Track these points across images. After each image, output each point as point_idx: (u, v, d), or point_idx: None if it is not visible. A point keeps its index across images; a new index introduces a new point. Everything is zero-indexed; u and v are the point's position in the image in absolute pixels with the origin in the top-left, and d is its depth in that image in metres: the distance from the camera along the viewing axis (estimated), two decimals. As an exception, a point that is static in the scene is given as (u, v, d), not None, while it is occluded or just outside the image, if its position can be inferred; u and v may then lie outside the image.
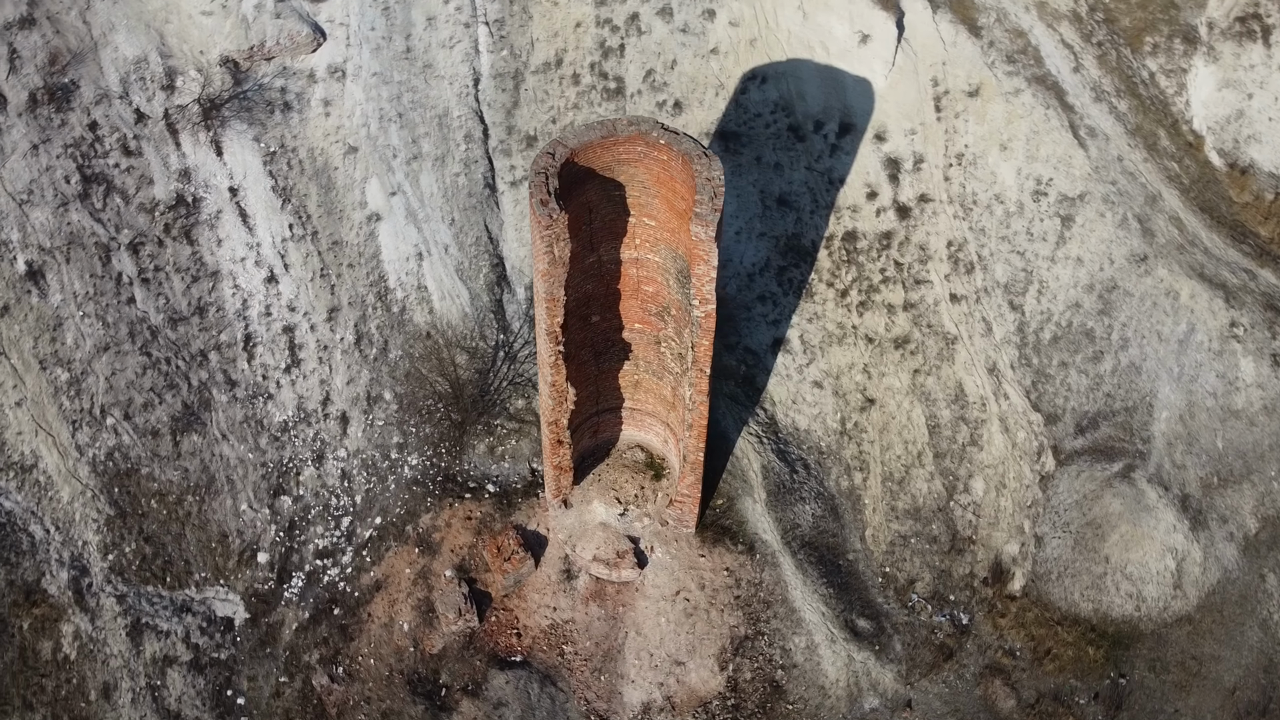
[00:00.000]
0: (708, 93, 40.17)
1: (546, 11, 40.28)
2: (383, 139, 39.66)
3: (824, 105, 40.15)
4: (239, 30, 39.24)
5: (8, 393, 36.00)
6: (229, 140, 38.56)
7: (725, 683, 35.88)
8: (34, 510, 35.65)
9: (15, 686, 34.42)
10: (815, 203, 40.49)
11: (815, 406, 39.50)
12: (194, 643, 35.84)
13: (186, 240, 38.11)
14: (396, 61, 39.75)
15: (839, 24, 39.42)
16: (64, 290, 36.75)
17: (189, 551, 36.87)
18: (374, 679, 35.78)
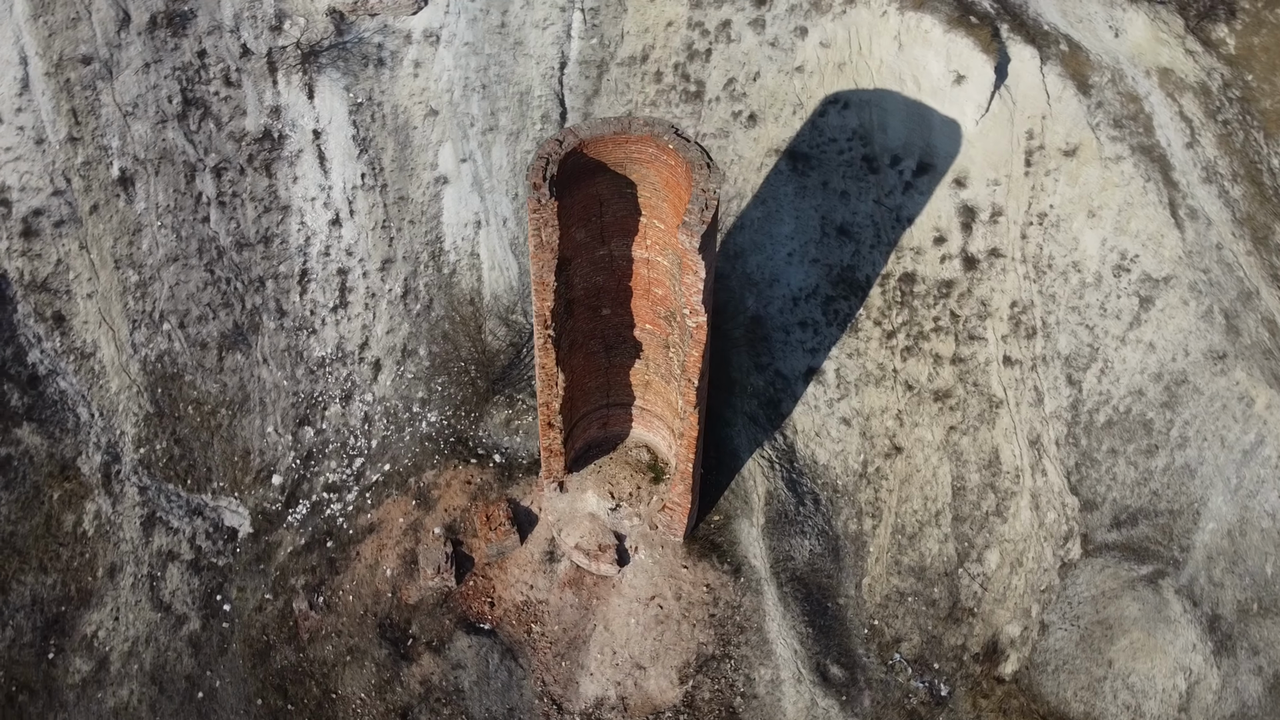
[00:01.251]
0: (785, 109, 35.74)
1: (641, 6, 36.55)
2: (463, 106, 36.78)
3: (905, 141, 35.04)
4: (354, -16, 37.15)
5: (82, 284, 35.03)
6: (321, 86, 36.44)
7: (682, 697, 31.99)
8: (84, 394, 34.64)
9: (35, 550, 33.55)
10: (877, 238, 35.39)
11: (839, 443, 34.88)
12: (198, 545, 34.24)
13: (265, 173, 36.21)
14: (489, 35, 36.72)
15: (935, 60, 34.10)
16: (148, 199, 35.45)
17: (212, 460, 35.25)
18: (349, 615, 33.39)
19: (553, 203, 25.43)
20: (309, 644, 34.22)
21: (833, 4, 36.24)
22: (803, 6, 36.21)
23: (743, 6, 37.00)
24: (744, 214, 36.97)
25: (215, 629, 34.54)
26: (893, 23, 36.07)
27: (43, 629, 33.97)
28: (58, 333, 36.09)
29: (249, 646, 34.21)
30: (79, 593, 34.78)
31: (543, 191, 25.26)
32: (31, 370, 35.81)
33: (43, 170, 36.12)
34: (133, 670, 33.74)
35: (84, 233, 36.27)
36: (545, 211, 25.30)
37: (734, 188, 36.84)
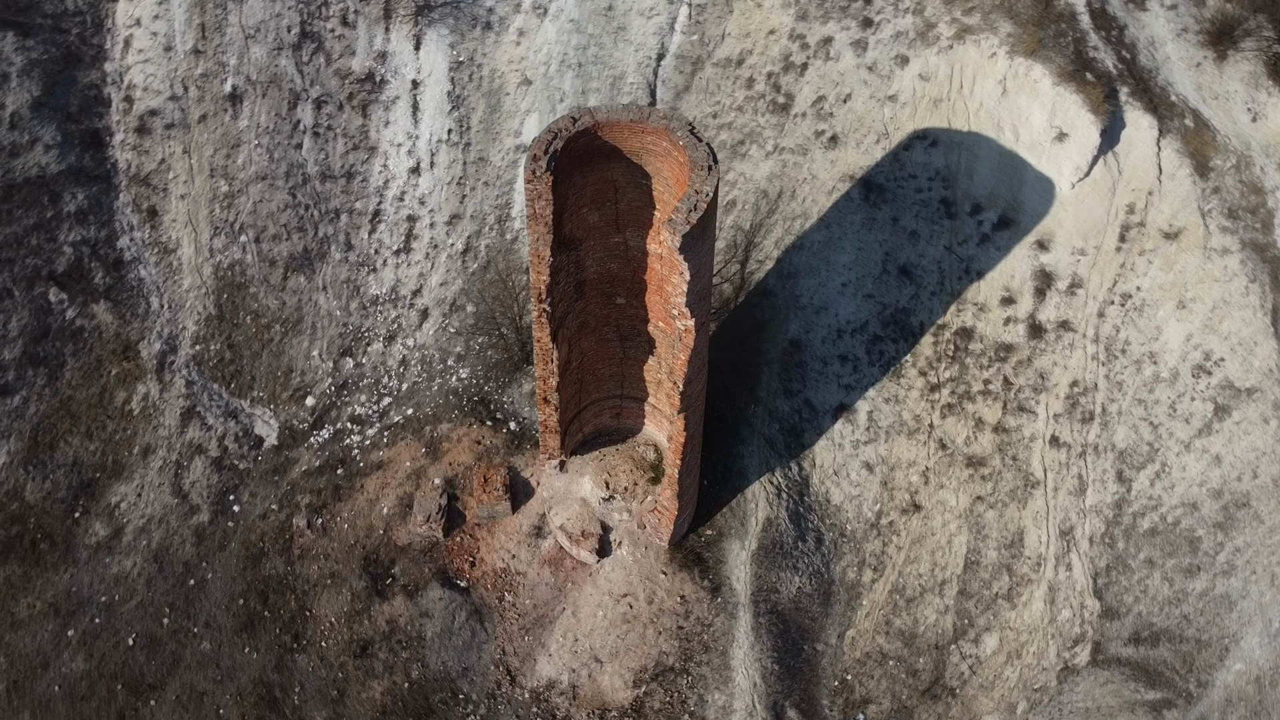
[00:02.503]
0: (869, 137, 32.38)
1: (747, 10, 33.83)
2: (556, 81, 35.05)
3: (991, 191, 31.11)
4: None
5: (179, 185, 35.31)
6: (429, 39, 35.44)
7: (632, 700, 29.60)
8: (159, 286, 35.01)
9: (86, 417, 34.12)
10: (940, 286, 31.59)
11: (857, 487, 31.49)
12: (225, 445, 34.01)
13: (361, 113, 35.56)
14: (595, 16, 34.78)
15: (1039, 112, 30.05)
16: (251, 119, 35.37)
17: (258, 370, 34.94)
18: (340, 542, 32.48)
19: (548, 176, 23.12)
20: (298, 559, 33.26)
21: (940, 37, 32.17)
22: (909, 35, 32.33)
23: (848, 26, 33.38)
24: (806, 235, 33.47)
25: (220, 526, 34.02)
26: (1000, 66, 31.70)
27: (76, 490, 34.22)
28: (149, 225, 36.26)
29: (245, 549, 33.53)
30: (114, 465, 34.88)
31: (539, 163, 23.03)
32: (119, 255, 36.13)
33: (165, 75, 36.24)
34: (140, 545, 33.58)
35: (189, 138, 36.25)
36: (539, 184, 23.02)
37: (800, 207, 33.45)
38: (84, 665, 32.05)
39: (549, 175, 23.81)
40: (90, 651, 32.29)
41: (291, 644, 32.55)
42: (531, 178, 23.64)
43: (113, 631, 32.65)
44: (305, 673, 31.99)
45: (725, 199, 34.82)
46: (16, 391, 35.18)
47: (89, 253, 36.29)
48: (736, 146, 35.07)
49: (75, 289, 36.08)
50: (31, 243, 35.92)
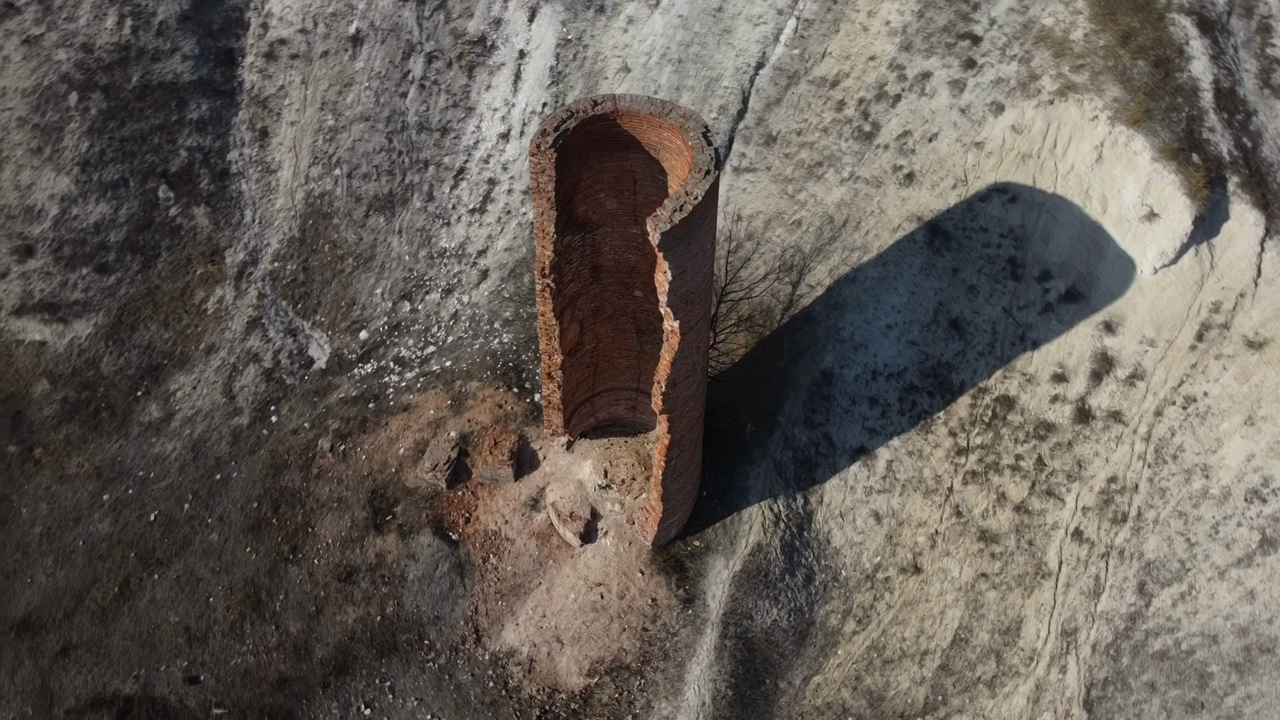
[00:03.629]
0: (946, 180, 30.08)
1: (853, 32, 31.95)
2: (654, 73, 34.20)
3: (1064, 259, 28.39)
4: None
5: (292, 111, 36.46)
6: (544, 13, 35.24)
7: (582, 688, 28.75)
8: (254, 201, 36.27)
9: (167, 307, 35.82)
10: (990, 348, 29.07)
11: (861, 535, 29.45)
12: (279, 359, 34.97)
13: (467, 73, 35.75)
14: (704, 15, 33.70)
15: (1132, 187, 27.10)
16: (367, 62, 36.13)
17: (324, 296, 35.81)
18: (354, 471, 32.88)
19: (551, 152, 22.17)
20: (314, 478, 33.57)
21: (1041, 90, 29.15)
22: (1009, 83, 29.47)
23: (950, 64, 30.75)
24: (861, 268, 31.13)
25: (256, 431, 34.69)
26: (1100, 130, 28.47)
27: (143, 371, 35.59)
28: (258, 144, 37.25)
29: (271, 458, 34.09)
30: (180, 355, 36.09)
31: (546, 139, 22.06)
32: (226, 166, 37.28)
33: (300, 9, 37.06)
34: (184, 433, 34.62)
35: (309, 70, 36.98)
36: (543, 159, 22.05)
37: (862, 239, 31.17)
38: (108, 528, 33.06)
39: (553, 152, 22.57)
40: (117, 518, 33.28)
41: (288, 554, 32.65)
42: (535, 151, 22.47)
43: (140, 504, 33.56)
44: (293, 583, 32.03)
45: (792, 218, 32.59)
46: (113, 272, 36.61)
47: (201, 159, 37.36)
48: (814, 167, 32.77)
49: (182, 190, 37.22)
50: (153, 141, 37.25)
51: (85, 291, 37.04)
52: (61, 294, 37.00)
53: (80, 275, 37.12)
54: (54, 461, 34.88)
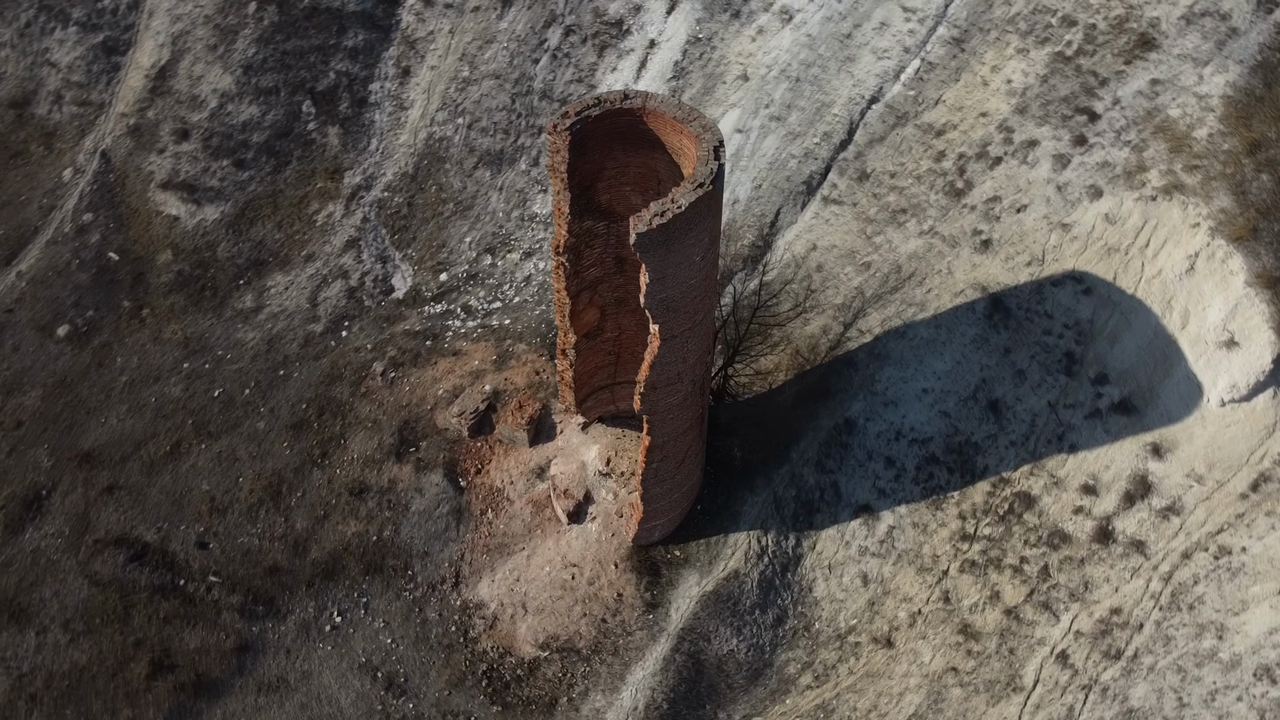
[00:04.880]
0: (1022, 255, 29.46)
1: (973, 85, 31.66)
2: (770, 87, 35.19)
3: (1126, 367, 27.33)
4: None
5: (434, 57, 39.73)
6: (681, 8, 36.88)
7: (531, 658, 30.73)
8: (381, 133, 39.89)
9: (285, 212, 40.27)
10: (1024, 440, 28.54)
11: (844, 592, 29.51)
12: (364, 281, 38.56)
13: (598, 52, 37.91)
14: (832, 39, 34.33)
15: (1219, 307, 25.93)
16: (511, 23, 38.94)
17: (419, 233, 39.12)
18: (395, 398, 36.09)
19: (566, 135, 23.36)
20: (360, 396, 36.51)
21: (1147, 183, 27.80)
22: (1115, 169, 28.24)
23: (1060, 136, 29.76)
24: (913, 325, 30.78)
25: (325, 341, 38.03)
26: (1198, 239, 26.94)
27: (250, 263, 39.72)
28: (398, 80, 40.48)
29: (330, 368, 37.29)
30: (283, 257, 40.00)
31: (564, 122, 23.23)
32: (366, 95, 40.75)
33: (463, -38, 39.73)
34: (265, 328, 38.43)
35: (459, 22, 39.77)
36: (558, 139, 23.29)
37: (922, 295, 30.67)
38: (179, 393, 37.05)
39: (568, 134, 23.54)
40: (188, 386, 37.22)
41: (317, 457, 35.50)
42: (552, 130, 23.53)
43: (210, 380, 37.36)
44: (312, 485, 34.87)
45: (863, 259, 32.27)
46: (248, 169, 40.66)
47: (346, 84, 40.75)
48: (898, 213, 32.27)
49: (323, 108, 40.76)
50: (309, 59, 40.95)
51: (221, 181, 41.07)
52: (201, 179, 41.19)
53: (220, 165, 41.19)
54: (155, 323, 39.10)
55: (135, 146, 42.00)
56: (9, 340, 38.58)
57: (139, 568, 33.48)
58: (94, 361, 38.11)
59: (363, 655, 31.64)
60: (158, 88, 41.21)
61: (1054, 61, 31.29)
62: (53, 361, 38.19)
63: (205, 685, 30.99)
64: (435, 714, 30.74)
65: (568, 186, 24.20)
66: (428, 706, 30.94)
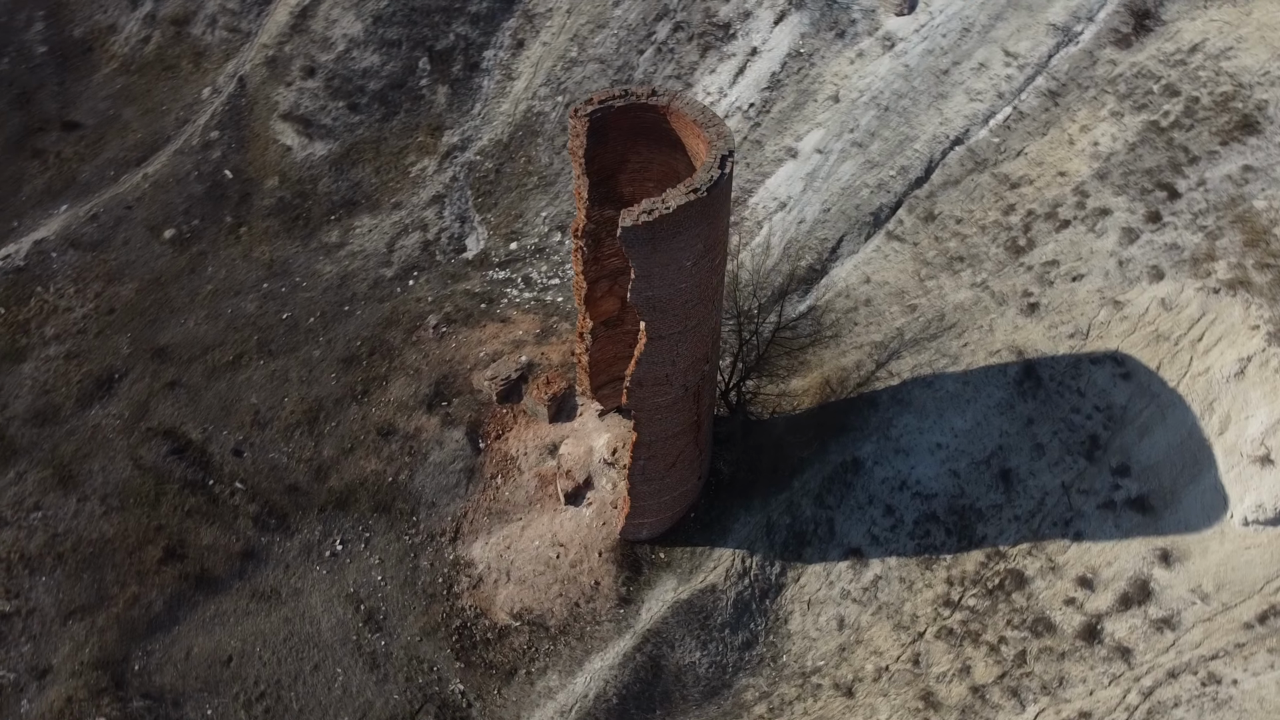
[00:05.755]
0: (1067, 325, 28.88)
1: (1059, 142, 31.17)
2: (857, 112, 35.57)
3: (1151, 464, 26.49)
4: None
5: (548, 34, 41.86)
6: (789, 20, 37.66)
7: (502, 624, 32.52)
8: (486, 98, 42.54)
9: (384, 157, 43.60)
10: (1029, 517, 28.18)
11: (818, 631, 29.75)
12: (439, 237, 41.21)
13: (700, 52, 39.24)
14: (928, 73, 34.41)
15: (1262, 419, 25.34)
16: (624, 11, 40.67)
17: (501, 200, 41.32)
18: (440, 353, 38.41)
19: (585, 120, 24.24)
20: (410, 344, 38.82)
21: (1212, 273, 26.73)
22: (1183, 253, 27.15)
23: (1134, 209, 28.82)
24: (941, 376, 30.47)
25: (392, 287, 40.52)
26: (1254, 344, 25.74)
27: (344, 200, 42.56)
28: (511, 51, 42.50)
29: (390, 312, 39.78)
30: (373, 201, 42.75)
31: (586, 108, 24.14)
32: (479, 61, 42.99)
33: (592, -54, 41.24)
34: (342, 264, 41.29)
35: (577, 3, 41.45)
36: (578, 123, 24.21)
37: (956, 349, 30.04)
38: (252, 310, 40.09)
39: (587, 120, 24.27)
40: (262, 305, 40.22)
41: (359, 393, 37.79)
42: (573, 115, 24.34)
43: (282, 303, 40.24)
44: (347, 418, 37.18)
45: (910, 300, 31.91)
46: (360, 113, 43.42)
47: (463, 47, 42.90)
48: (954, 260, 31.75)
49: (438, 67, 43.04)
50: (434, 19, 43.30)
51: (334, 120, 43.80)
52: (317, 116, 44.04)
53: (336, 106, 43.93)
54: (248, 242, 42.18)
55: (268, 76, 45.04)
56: (122, 234, 42.20)
57: (178, 460, 36.17)
58: (188, 267, 41.25)
59: (352, 586, 33.25)
60: (298, 25, 44.05)
61: (1146, 130, 29.68)
62: (154, 260, 41.55)
63: (207, 580, 33.27)
64: (403, 656, 32.05)
65: (585, 172, 24.76)
66: (398, 647, 32.29)
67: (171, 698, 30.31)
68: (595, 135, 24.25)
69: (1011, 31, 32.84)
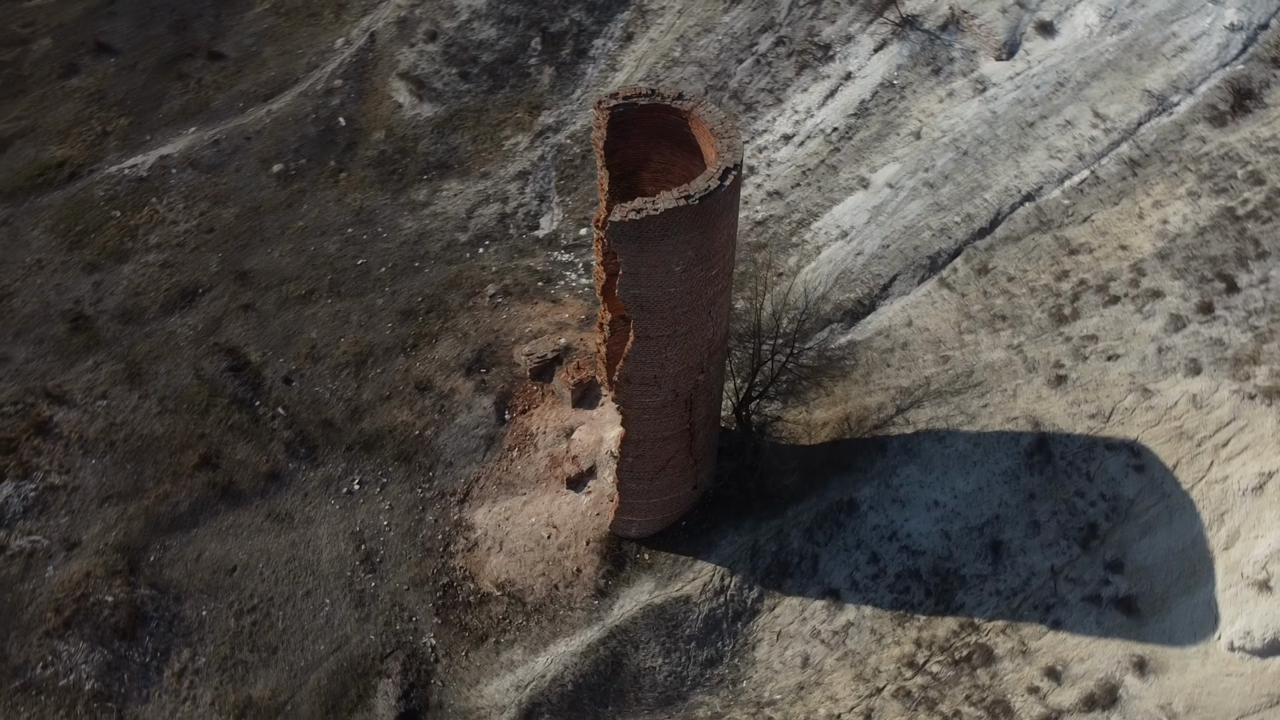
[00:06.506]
0: (1090, 404, 28.02)
1: (1128, 214, 30.16)
2: (936, 152, 35.68)
3: (1146, 565, 25.54)
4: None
5: (656, 31, 43.37)
6: (888, 51, 38.06)
7: (485, 591, 34.16)
8: (587, 87, 44.15)
9: (482, 129, 46.38)
10: (1011, 595, 27.92)
11: (781, 664, 30.16)
12: (517, 211, 43.82)
13: (796, 69, 40.17)
14: (1013, 122, 34.25)
15: (1269, 542, 24.17)
16: (732, 18, 41.87)
17: (581, 185, 43.53)
18: (490, 321, 40.50)
19: (607, 113, 25.12)
20: (465, 308, 40.90)
21: (1251, 377, 25.74)
22: (1226, 350, 25.96)
23: (1189, 296, 27.87)
24: (954, 433, 30.26)
25: (462, 252, 42.72)
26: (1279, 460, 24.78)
27: (437, 163, 45.01)
28: (619, 43, 44.08)
29: (455, 276, 41.96)
30: (463, 168, 45.12)
31: (609, 102, 24.96)
32: (588, 48, 44.66)
33: (714, -50, 42.07)
34: (423, 222, 43.62)
35: (689, 5, 42.51)
36: (600, 115, 25.23)
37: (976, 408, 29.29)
38: (332, 251, 42.91)
39: (608, 114, 25.14)
40: (342, 249, 42.97)
41: (408, 346, 39.97)
42: (597, 106, 25.27)
43: (359, 249, 42.91)
44: (391, 367, 39.43)
45: (944, 352, 31.61)
46: (469, 82, 45.69)
47: (575, 33, 44.52)
48: (996, 319, 31.24)
49: (548, 48, 44.80)
50: (553, 1, 45.02)
51: (444, 85, 46.06)
52: (431, 79, 46.41)
53: (449, 72, 46.18)
54: (344, 187, 44.92)
55: (396, 35, 47.57)
56: (236, 162, 45.51)
57: (233, 378, 38.92)
58: (286, 201, 44.14)
59: (358, 526, 35.10)
60: (431, -10, 46.32)
61: (1220, 216, 28.09)
62: (258, 190, 44.64)
63: (232, 492, 35.77)
64: (388, 600, 33.67)
65: (605, 164, 25.41)
66: (386, 591, 33.92)
67: (174, 593, 32.69)
68: (618, 130, 24.76)
69: (1105, 92, 31.45)
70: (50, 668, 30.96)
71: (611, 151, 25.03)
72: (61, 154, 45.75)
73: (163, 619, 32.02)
